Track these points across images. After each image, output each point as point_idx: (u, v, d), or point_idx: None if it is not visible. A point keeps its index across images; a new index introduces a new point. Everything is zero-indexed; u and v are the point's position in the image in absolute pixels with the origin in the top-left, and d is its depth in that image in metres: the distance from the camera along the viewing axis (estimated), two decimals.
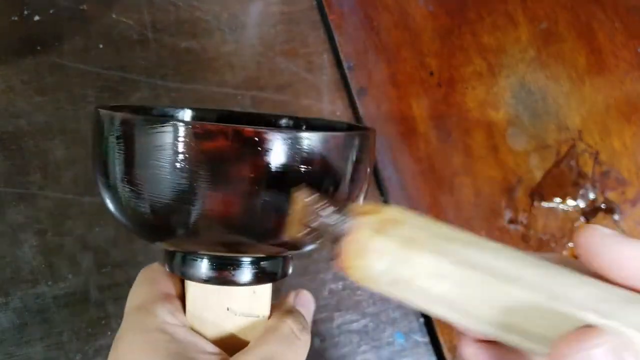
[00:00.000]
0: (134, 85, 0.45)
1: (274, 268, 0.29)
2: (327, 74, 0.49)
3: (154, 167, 0.24)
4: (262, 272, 0.28)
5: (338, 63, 0.50)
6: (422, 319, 0.45)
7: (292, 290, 0.33)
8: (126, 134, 0.24)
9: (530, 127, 0.50)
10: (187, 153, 0.23)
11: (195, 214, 0.24)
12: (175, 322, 0.28)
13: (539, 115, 0.51)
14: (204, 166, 0.23)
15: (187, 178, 0.23)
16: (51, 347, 0.40)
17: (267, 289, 0.29)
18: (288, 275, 0.30)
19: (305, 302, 0.33)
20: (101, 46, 0.46)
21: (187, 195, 0.23)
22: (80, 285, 0.41)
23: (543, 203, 0.49)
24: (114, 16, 0.46)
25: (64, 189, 0.42)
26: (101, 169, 0.26)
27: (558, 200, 0.49)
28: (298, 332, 0.29)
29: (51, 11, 0.45)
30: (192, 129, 0.23)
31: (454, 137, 0.49)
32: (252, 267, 0.28)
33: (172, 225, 0.25)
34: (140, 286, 0.30)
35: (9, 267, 0.40)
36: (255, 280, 0.28)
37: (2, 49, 0.44)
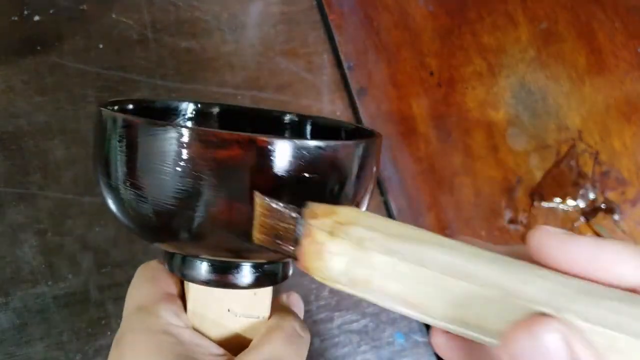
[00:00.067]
0: (134, 85, 0.45)
1: (275, 270, 0.29)
2: (327, 74, 0.49)
3: (159, 171, 0.23)
4: (263, 275, 0.28)
5: (338, 63, 0.50)
6: None
7: (291, 289, 0.34)
8: (131, 136, 0.24)
9: (530, 127, 0.50)
10: (196, 160, 0.22)
11: (201, 219, 0.23)
12: (179, 323, 0.28)
13: (539, 115, 0.51)
14: (212, 173, 0.23)
15: (194, 184, 0.23)
16: (51, 347, 0.40)
17: (268, 291, 0.29)
18: (289, 277, 0.30)
19: (297, 302, 0.34)
20: (101, 46, 0.46)
21: (192, 200, 0.23)
22: (80, 285, 0.41)
23: (543, 203, 0.49)
24: (114, 16, 0.46)
25: (64, 189, 0.42)
26: (103, 169, 0.25)
27: (558, 200, 0.49)
28: (300, 330, 0.29)
29: (51, 11, 0.45)
30: (204, 136, 0.22)
31: (454, 137, 0.49)
32: (254, 270, 0.28)
33: (176, 229, 0.25)
34: (141, 285, 0.30)
35: (9, 267, 0.40)
36: (256, 283, 0.28)
37: (2, 49, 0.44)
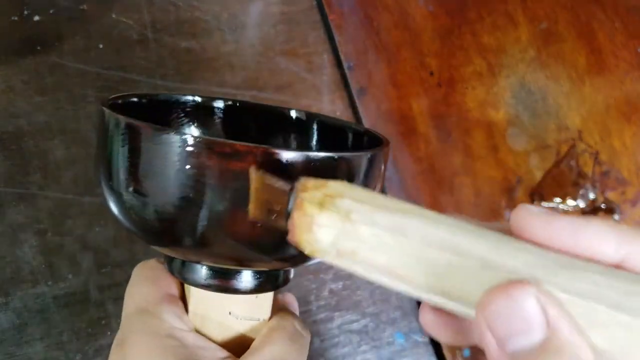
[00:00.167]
0: (134, 85, 0.45)
1: (276, 275, 0.28)
2: (327, 74, 0.49)
3: (164, 177, 0.23)
4: (264, 280, 0.28)
5: (338, 63, 0.50)
6: None
7: (292, 289, 0.34)
8: (135, 140, 0.23)
9: (530, 127, 0.50)
10: (204, 168, 0.22)
11: (205, 227, 0.23)
12: (182, 326, 0.28)
13: (539, 115, 0.51)
14: (220, 182, 0.22)
15: (200, 192, 0.22)
16: (51, 347, 0.40)
17: (269, 294, 0.29)
18: (290, 280, 0.30)
19: (292, 302, 0.34)
20: (101, 46, 0.46)
21: (197, 208, 0.23)
22: (80, 285, 0.41)
23: (543, 203, 0.49)
24: (114, 16, 0.46)
25: (64, 189, 0.42)
26: (105, 171, 0.25)
27: (558, 200, 0.49)
28: (301, 330, 0.29)
29: (51, 11, 0.45)
30: (217, 147, 0.22)
31: (454, 137, 0.49)
32: (256, 275, 0.28)
33: (179, 235, 0.24)
34: (141, 285, 0.29)
35: (9, 267, 0.40)
36: (258, 288, 0.28)
37: (2, 49, 0.44)
